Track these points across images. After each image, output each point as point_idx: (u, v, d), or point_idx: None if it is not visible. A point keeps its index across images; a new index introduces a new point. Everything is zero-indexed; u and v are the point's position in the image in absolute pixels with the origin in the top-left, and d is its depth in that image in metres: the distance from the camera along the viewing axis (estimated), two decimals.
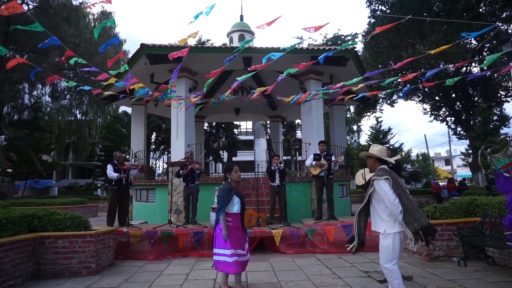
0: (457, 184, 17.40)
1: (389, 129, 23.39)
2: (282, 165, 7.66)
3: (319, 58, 4.80)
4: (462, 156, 24.15)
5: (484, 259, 5.18)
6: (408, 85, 14.84)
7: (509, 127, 18.98)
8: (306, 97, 6.70)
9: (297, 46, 4.34)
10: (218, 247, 3.80)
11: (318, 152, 7.58)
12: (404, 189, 3.28)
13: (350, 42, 4.53)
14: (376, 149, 3.47)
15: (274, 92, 13.20)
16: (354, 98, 5.97)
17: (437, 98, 21.16)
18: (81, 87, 6.02)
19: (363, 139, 35.84)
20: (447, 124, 22.10)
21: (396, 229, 3.20)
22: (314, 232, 6.45)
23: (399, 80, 4.87)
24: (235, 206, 3.82)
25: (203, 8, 3.85)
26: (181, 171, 7.52)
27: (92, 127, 25.22)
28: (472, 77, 4.13)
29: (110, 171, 7.15)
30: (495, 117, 19.15)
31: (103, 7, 23.01)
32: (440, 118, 22.05)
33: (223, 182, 3.99)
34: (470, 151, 20.16)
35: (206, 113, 14.69)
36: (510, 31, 14.48)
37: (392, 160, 3.65)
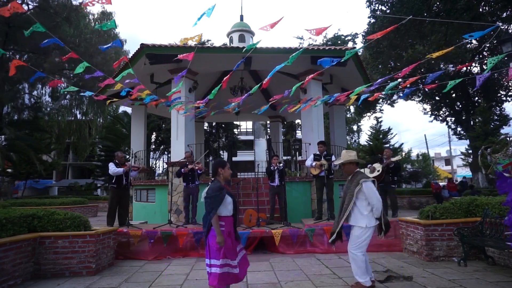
0: (457, 184, 17.38)
1: (389, 129, 23.35)
2: (281, 165, 7.65)
3: (319, 61, 4.77)
4: (462, 156, 24.12)
5: (484, 259, 5.18)
6: (408, 86, 14.79)
7: (509, 126, 18.96)
8: (307, 102, 6.71)
9: (297, 45, 4.34)
10: (214, 258, 3.21)
11: (318, 152, 7.58)
12: None
13: (351, 50, 4.49)
14: (353, 155, 4.10)
15: (275, 93, 13.20)
16: (356, 100, 6.00)
17: (437, 98, 21.13)
18: (83, 93, 6.00)
19: (363, 139, 35.83)
20: (447, 124, 22.07)
21: (373, 223, 3.85)
22: (314, 232, 6.45)
23: (399, 80, 4.85)
24: (227, 208, 3.28)
25: (204, 10, 3.84)
26: (182, 169, 7.53)
27: (92, 127, 25.21)
28: (479, 84, 4.04)
29: (113, 167, 7.16)
30: (495, 117, 19.12)
31: (104, 7, 23.00)
32: (440, 118, 22.01)
33: (212, 179, 3.42)
34: (470, 151, 20.14)
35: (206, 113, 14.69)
36: (510, 31, 14.48)
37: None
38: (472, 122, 19.59)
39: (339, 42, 24.25)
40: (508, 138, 4.21)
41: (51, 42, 4.18)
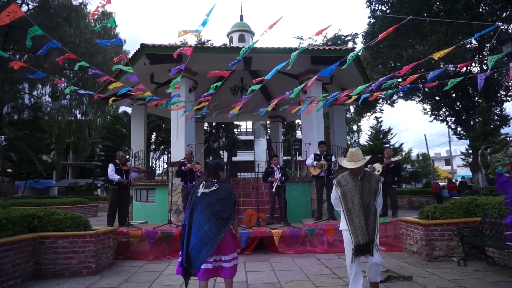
0: (457, 184, 17.37)
1: (389, 129, 23.35)
2: (283, 178, 7.43)
3: (322, 72, 4.79)
4: (462, 156, 24.11)
5: (484, 259, 5.18)
6: (408, 84, 14.77)
7: (509, 126, 18.94)
8: (307, 102, 6.71)
9: (297, 45, 4.35)
10: (235, 251, 3.48)
11: (318, 152, 7.58)
12: None
13: (353, 54, 4.49)
14: (360, 153, 3.66)
15: (275, 93, 13.21)
16: (356, 100, 6.01)
17: (437, 98, 21.13)
18: (83, 92, 5.99)
19: (363, 139, 35.82)
20: (447, 124, 22.07)
21: None
22: (314, 232, 6.45)
23: (399, 80, 4.85)
24: None
25: (204, 11, 3.89)
26: (183, 167, 7.52)
27: (92, 127, 25.17)
28: (481, 82, 3.99)
29: (111, 172, 7.13)
30: (495, 117, 19.12)
31: (104, 8, 22.98)
32: (440, 118, 22.00)
33: (215, 181, 3.42)
34: (470, 151, 20.13)
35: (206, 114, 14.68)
36: (510, 31, 14.48)
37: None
38: (472, 122, 19.57)
39: (339, 42, 24.23)
40: (508, 138, 4.21)
41: (49, 46, 4.17)
